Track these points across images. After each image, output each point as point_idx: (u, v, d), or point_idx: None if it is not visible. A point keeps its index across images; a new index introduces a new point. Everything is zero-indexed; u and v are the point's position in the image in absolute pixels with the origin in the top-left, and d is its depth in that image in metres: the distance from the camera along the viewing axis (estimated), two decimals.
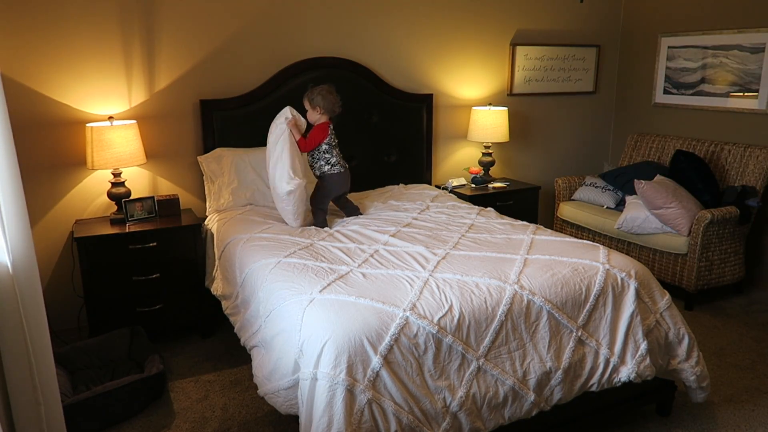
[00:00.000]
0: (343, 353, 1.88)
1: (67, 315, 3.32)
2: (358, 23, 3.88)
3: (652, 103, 4.70)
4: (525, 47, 4.49)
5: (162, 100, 3.42)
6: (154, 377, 2.69)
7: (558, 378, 2.18)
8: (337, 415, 1.83)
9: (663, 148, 4.42)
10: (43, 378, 1.81)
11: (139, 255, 3.10)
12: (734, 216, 3.61)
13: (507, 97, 4.54)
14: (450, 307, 2.08)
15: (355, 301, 2.08)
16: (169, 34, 3.36)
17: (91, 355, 2.93)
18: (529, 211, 4.19)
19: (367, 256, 2.52)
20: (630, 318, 2.32)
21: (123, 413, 2.60)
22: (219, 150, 3.44)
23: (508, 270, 2.33)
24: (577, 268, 2.37)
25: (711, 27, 4.21)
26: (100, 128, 3.08)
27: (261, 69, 3.61)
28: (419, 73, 4.16)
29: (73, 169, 3.27)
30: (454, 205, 3.41)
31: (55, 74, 3.14)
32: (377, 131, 3.97)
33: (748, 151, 3.89)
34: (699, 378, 2.47)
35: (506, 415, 2.11)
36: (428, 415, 1.97)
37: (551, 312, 2.21)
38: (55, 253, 3.31)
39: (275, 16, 3.62)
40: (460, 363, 2.05)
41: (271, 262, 2.49)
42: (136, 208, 3.23)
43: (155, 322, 3.20)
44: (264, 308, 2.32)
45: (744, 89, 4.06)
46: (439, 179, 4.41)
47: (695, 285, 3.63)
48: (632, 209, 3.83)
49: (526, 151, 4.75)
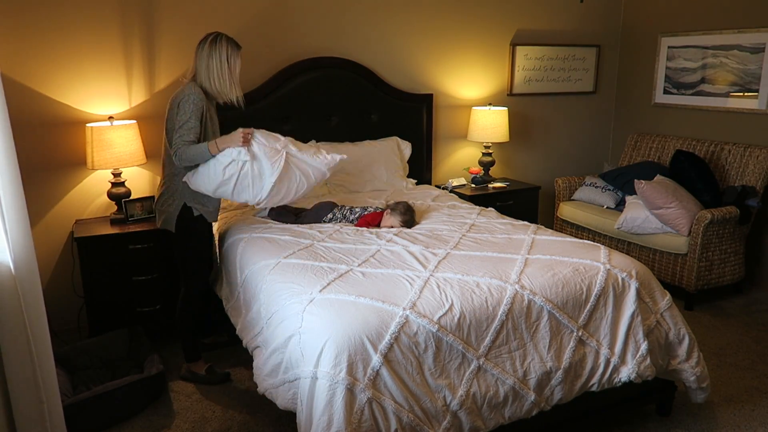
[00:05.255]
0: (343, 352, 1.88)
1: (67, 315, 3.32)
2: (358, 23, 3.88)
3: (652, 103, 4.70)
4: (525, 47, 4.49)
5: (162, 100, 3.41)
6: (154, 377, 2.69)
7: (558, 378, 2.18)
8: (337, 414, 1.83)
9: (663, 148, 4.42)
10: (43, 377, 1.81)
11: (139, 255, 3.10)
12: (734, 216, 3.61)
13: (507, 97, 4.54)
14: (450, 306, 2.08)
15: (355, 300, 2.08)
16: (169, 34, 3.36)
17: (91, 355, 2.93)
18: (529, 211, 4.19)
19: (368, 256, 2.52)
20: (631, 318, 2.32)
21: (123, 413, 2.60)
22: None
23: (509, 270, 2.33)
24: (578, 268, 2.37)
25: (711, 27, 4.21)
26: (100, 128, 3.08)
27: (261, 69, 3.61)
28: (419, 73, 4.16)
29: (73, 169, 3.27)
30: (455, 205, 3.41)
31: (55, 74, 3.14)
32: (377, 131, 3.97)
33: (748, 151, 3.89)
34: (699, 378, 2.47)
35: (506, 415, 2.11)
36: (428, 413, 1.97)
37: (552, 312, 2.21)
38: (55, 253, 3.31)
39: (275, 16, 3.62)
40: (460, 362, 2.05)
41: (271, 263, 2.49)
42: (136, 208, 3.23)
43: (155, 322, 3.20)
44: (265, 311, 2.31)
45: (744, 89, 4.06)
46: (439, 179, 4.41)
47: (695, 285, 3.63)
48: (632, 209, 3.83)
49: (526, 151, 4.75)
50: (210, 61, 2.63)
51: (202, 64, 2.65)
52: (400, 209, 3.03)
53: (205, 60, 2.64)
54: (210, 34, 2.68)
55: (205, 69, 2.65)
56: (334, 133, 3.81)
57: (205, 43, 2.65)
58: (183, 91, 2.63)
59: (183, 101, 2.60)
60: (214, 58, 2.63)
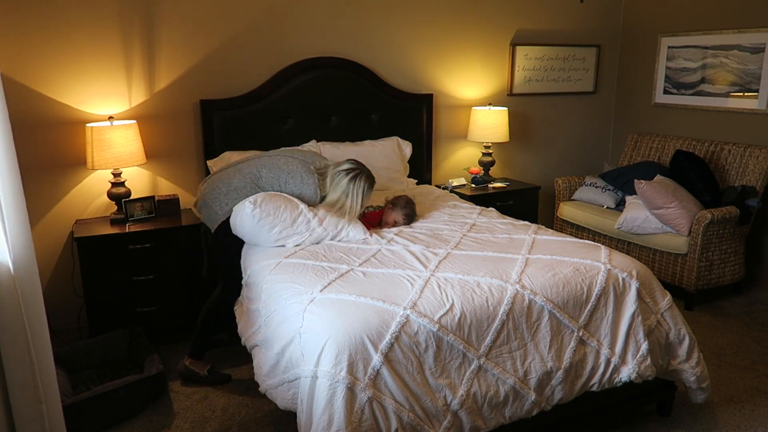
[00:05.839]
0: (343, 352, 1.88)
1: (67, 315, 3.31)
2: (358, 23, 3.88)
3: (652, 103, 4.70)
4: (525, 47, 4.49)
5: (162, 100, 3.41)
6: (154, 377, 2.69)
7: (559, 378, 2.18)
8: (337, 414, 1.83)
9: (663, 148, 4.42)
10: (43, 377, 1.81)
11: (139, 255, 3.10)
12: (734, 216, 3.61)
13: (507, 97, 4.54)
14: (451, 305, 2.07)
15: (355, 300, 2.07)
16: (169, 34, 3.36)
17: (91, 355, 2.93)
18: (529, 211, 4.19)
19: (369, 256, 2.52)
20: (631, 318, 2.32)
21: (123, 413, 2.60)
22: (228, 153, 3.43)
23: (509, 269, 2.33)
24: (579, 268, 2.37)
25: (711, 27, 4.21)
26: (100, 128, 3.08)
27: (261, 69, 3.61)
28: (419, 73, 4.16)
29: (73, 169, 3.27)
30: (456, 205, 3.41)
31: (55, 74, 3.14)
32: (377, 131, 3.96)
33: (748, 151, 3.89)
34: (699, 379, 2.47)
35: (507, 415, 2.11)
36: (429, 413, 1.97)
37: (552, 312, 2.20)
38: (55, 253, 3.30)
39: (275, 16, 3.62)
40: (461, 362, 2.04)
41: (272, 263, 2.48)
42: (136, 208, 3.23)
43: (155, 322, 3.20)
44: (265, 309, 2.31)
45: (744, 89, 4.06)
46: (439, 179, 4.41)
47: (695, 285, 3.63)
48: (632, 209, 3.83)
49: (526, 151, 4.75)
50: (341, 196, 2.74)
51: (332, 190, 2.75)
52: (401, 203, 3.06)
53: (337, 191, 2.74)
54: (352, 167, 2.76)
55: (332, 197, 2.75)
56: (334, 133, 3.81)
57: (346, 176, 2.73)
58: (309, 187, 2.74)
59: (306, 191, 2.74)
60: (350, 196, 2.73)
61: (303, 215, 2.66)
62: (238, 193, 2.73)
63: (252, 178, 2.77)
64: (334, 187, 2.75)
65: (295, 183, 2.74)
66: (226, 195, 2.75)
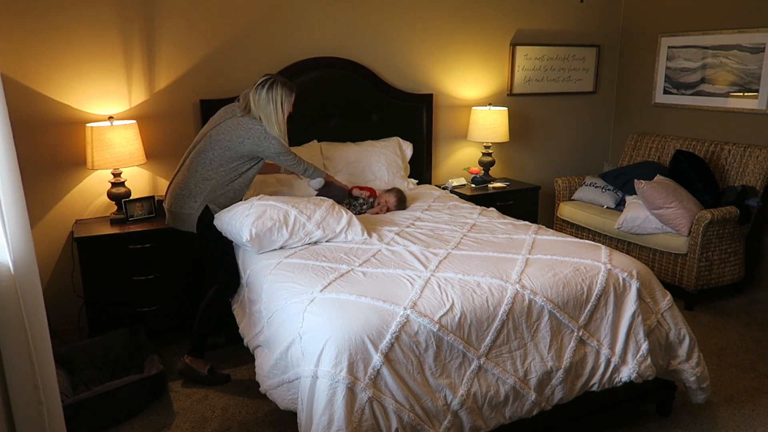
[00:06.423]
0: (344, 351, 1.88)
1: (67, 315, 3.31)
2: (358, 23, 3.88)
3: (652, 103, 4.70)
4: (525, 47, 4.49)
5: (162, 100, 3.41)
6: (154, 377, 2.69)
7: (559, 378, 2.18)
8: (337, 414, 1.83)
9: (663, 148, 4.42)
10: (43, 377, 1.81)
11: (139, 255, 3.10)
12: (734, 216, 3.62)
13: (507, 97, 4.54)
14: (451, 305, 2.08)
15: (356, 299, 2.08)
16: (169, 34, 3.36)
17: (91, 355, 2.93)
18: (529, 211, 4.19)
19: (369, 256, 2.52)
20: (631, 318, 2.32)
21: (123, 413, 2.60)
22: None
23: (509, 269, 2.33)
24: (579, 267, 2.37)
25: (711, 27, 4.21)
26: (100, 128, 3.08)
27: (261, 69, 3.60)
28: (419, 73, 4.16)
29: (73, 169, 3.27)
30: (456, 205, 3.41)
31: (55, 74, 3.14)
32: (377, 131, 3.96)
33: (748, 151, 3.89)
34: (699, 379, 2.47)
35: (507, 414, 2.11)
36: (429, 413, 1.97)
37: (552, 312, 2.21)
38: (55, 253, 3.30)
39: (275, 16, 3.62)
40: (461, 361, 2.05)
41: (272, 263, 2.49)
42: (136, 208, 3.23)
43: (155, 322, 3.20)
44: (267, 310, 2.31)
45: (744, 89, 4.06)
46: (439, 179, 4.41)
47: (695, 285, 3.63)
48: (632, 209, 3.83)
49: (526, 151, 4.75)
50: (268, 108, 2.75)
51: (260, 110, 2.76)
52: (394, 191, 3.40)
53: (263, 107, 2.75)
54: (266, 78, 2.77)
55: (264, 116, 2.76)
56: (334, 133, 3.81)
57: (263, 88, 2.75)
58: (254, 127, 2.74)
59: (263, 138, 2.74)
60: (271, 104, 2.76)
61: (297, 221, 2.66)
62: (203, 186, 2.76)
63: (204, 169, 2.76)
64: (259, 107, 2.77)
65: (249, 140, 2.74)
66: (188, 197, 2.77)
